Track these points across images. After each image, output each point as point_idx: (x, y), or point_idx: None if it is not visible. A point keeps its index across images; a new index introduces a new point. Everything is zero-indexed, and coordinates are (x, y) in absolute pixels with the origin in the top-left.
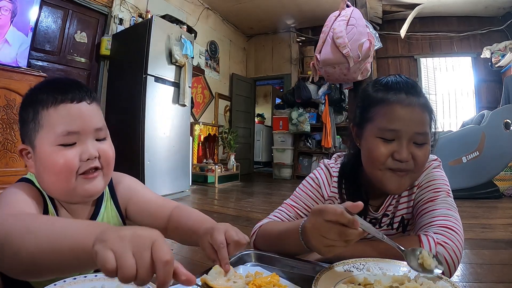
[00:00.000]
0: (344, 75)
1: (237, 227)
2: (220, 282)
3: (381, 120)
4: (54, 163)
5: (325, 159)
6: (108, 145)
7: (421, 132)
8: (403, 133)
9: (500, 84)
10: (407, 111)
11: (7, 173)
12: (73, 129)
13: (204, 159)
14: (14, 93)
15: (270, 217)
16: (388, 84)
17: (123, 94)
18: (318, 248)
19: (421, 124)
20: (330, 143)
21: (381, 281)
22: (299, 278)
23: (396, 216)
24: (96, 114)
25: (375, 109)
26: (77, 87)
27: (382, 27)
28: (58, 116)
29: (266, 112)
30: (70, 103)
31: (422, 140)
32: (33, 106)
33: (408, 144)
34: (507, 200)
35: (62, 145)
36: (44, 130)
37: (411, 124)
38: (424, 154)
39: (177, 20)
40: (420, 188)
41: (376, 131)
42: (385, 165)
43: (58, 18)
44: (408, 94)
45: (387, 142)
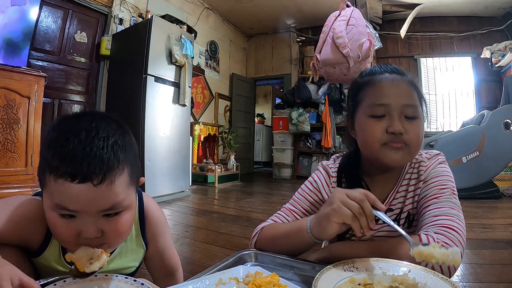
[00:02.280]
0: (344, 75)
1: (237, 227)
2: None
3: (369, 98)
4: (52, 228)
5: (324, 161)
6: (118, 222)
7: (410, 104)
8: (392, 107)
9: (500, 84)
10: (393, 85)
11: (7, 173)
12: (68, 208)
13: (204, 159)
14: (14, 93)
15: (269, 220)
16: (373, 70)
17: (123, 94)
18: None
19: (409, 96)
20: (330, 143)
21: (381, 281)
22: (299, 278)
23: (403, 211)
24: (105, 196)
25: (363, 91)
26: (89, 154)
27: (382, 27)
28: (56, 189)
29: (266, 112)
30: (70, 182)
31: (413, 113)
32: (43, 156)
33: (400, 118)
34: (507, 200)
35: (60, 215)
36: (46, 191)
37: (398, 97)
38: (417, 128)
39: (177, 20)
40: (426, 183)
41: (367, 110)
42: (381, 141)
43: (58, 18)
44: (392, 73)
45: (378, 119)
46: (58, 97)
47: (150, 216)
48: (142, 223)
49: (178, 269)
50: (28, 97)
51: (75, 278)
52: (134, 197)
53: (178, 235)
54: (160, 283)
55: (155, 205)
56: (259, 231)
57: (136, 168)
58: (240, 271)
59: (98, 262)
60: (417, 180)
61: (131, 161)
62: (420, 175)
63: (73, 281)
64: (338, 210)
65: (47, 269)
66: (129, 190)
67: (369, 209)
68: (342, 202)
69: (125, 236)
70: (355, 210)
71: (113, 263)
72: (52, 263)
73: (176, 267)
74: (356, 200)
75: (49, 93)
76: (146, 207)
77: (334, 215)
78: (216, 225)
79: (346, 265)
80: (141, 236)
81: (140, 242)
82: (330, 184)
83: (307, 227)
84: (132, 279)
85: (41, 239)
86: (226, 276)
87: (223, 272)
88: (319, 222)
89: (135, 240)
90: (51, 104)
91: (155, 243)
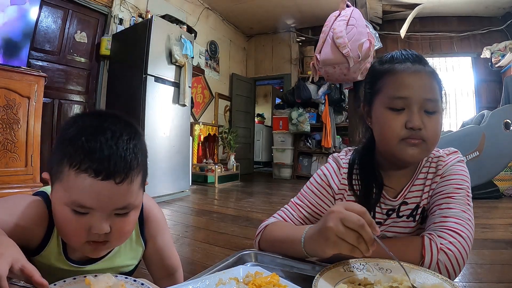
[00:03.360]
0: (344, 75)
1: (237, 227)
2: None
3: (389, 89)
4: (62, 223)
5: (335, 153)
6: (126, 221)
7: (431, 98)
8: (412, 100)
9: (500, 84)
10: (415, 77)
11: (7, 173)
12: (85, 204)
13: (204, 159)
14: (14, 93)
15: (275, 215)
16: (394, 56)
17: (123, 94)
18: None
19: (430, 90)
20: (330, 143)
21: (381, 281)
22: (299, 278)
23: (419, 206)
24: (123, 194)
25: (382, 80)
26: (114, 151)
27: (382, 27)
28: (75, 184)
29: (266, 112)
30: (94, 177)
31: (433, 108)
32: (61, 149)
33: (419, 112)
34: (507, 200)
35: (73, 211)
36: (62, 185)
37: (419, 90)
38: (436, 123)
39: (177, 20)
40: (443, 178)
41: (385, 101)
42: (399, 136)
43: (58, 18)
44: (414, 62)
45: (397, 112)
46: (58, 97)
47: (149, 215)
48: (141, 221)
49: (178, 269)
50: (28, 97)
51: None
52: (141, 199)
53: (178, 235)
54: (160, 283)
55: (154, 205)
56: (262, 229)
57: (145, 172)
58: (240, 271)
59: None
60: (434, 175)
61: (145, 164)
62: (438, 169)
63: (73, 281)
64: (334, 245)
65: (46, 268)
66: (140, 191)
67: (369, 236)
68: (338, 234)
69: (126, 237)
70: (353, 241)
71: (112, 261)
72: (52, 260)
73: (176, 267)
74: (355, 226)
75: (49, 93)
76: (145, 206)
77: (329, 248)
78: (216, 225)
79: (346, 265)
80: (140, 234)
81: (139, 240)
82: (340, 175)
83: (301, 241)
84: (132, 279)
85: (40, 237)
86: (226, 276)
87: (223, 272)
88: (314, 246)
89: (134, 238)
90: (51, 104)
91: (154, 242)
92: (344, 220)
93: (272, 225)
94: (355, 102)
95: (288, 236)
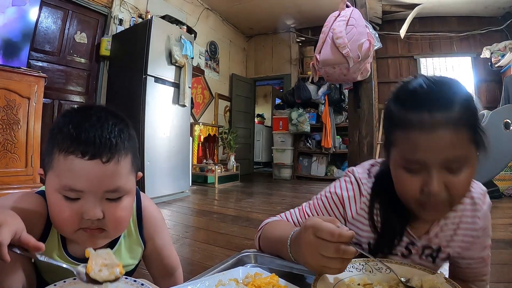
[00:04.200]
0: (343, 75)
1: (237, 227)
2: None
3: (403, 147)
4: (54, 209)
5: (356, 169)
6: (119, 207)
7: (453, 158)
8: (429, 164)
9: (500, 84)
10: (431, 137)
11: (7, 174)
12: (75, 187)
13: (204, 159)
14: (14, 93)
15: (281, 215)
16: (410, 96)
17: (123, 94)
18: (314, 267)
19: (453, 148)
20: (330, 143)
21: (380, 281)
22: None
23: (442, 251)
24: (112, 174)
25: (396, 132)
26: (99, 134)
27: (381, 27)
28: (64, 167)
29: (266, 113)
30: (81, 157)
31: (459, 166)
32: (51, 139)
33: (440, 172)
34: (507, 200)
35: (64, 197)
36: (53, 172)
37: (438, 152)
38: (462, 182)
39: (177, 21)
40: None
41: (399, 160)
42: (415, 199)
43: (58, 18)
44: (432, 111)
45: (413, 174)
46: (58, 98)
47: (147, 215)
48: (140, 221)
49: (178, 269)
50: (28, 97)
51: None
52: (134, 185)
53: (178, 235)
54: (159, 282)
55: (152, 205)
56: (263, 227)
57: (136, 159)
58: (240, 272)
59: (108, 271)
60: (469, 228)
61: (133, 150)
62: (475, 217)
63: (73, 281)
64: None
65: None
66: (131, 176)
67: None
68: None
69: (123, 226)
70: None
71: None
72: (53, 257)
73: (175, 267)
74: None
75: (49, 93)
76: (144, 206)
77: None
78: (216, 226)
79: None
80: (139, 234)
81: (138, 240)
82: (359, 204)
83: (287, 246)
84: (132, 279)
85: (40, 232)
86: (225, 277)
87: (222, 273)
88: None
89: (133, 238)
90: (51, 104)
91: (153, 242)
92: (320, 249)
93: (272, 223)
94: (355, 102)
95: (281, 237)
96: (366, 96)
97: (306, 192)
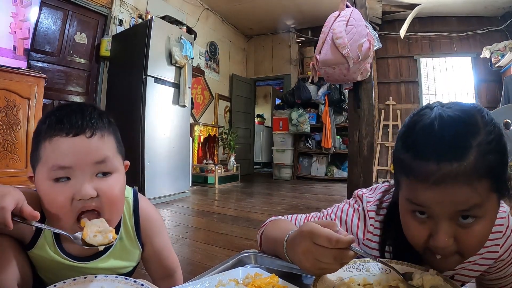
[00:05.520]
0: (343, 75)
1: (237, 227)
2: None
3: (408, 193)
4: (46, 199)
5: (366, 196)
6: (112, 182)
7: (465, 210)
8: (437, 215)
9: (500, 84)
10: (439, 190)
11: (7, 174)
12: (64, 164)
13: (204, 159)
14: (14, 94)
15: (287, 217)
16: (416, 142)
17: (123, 95)
18: (311, 272)
19: (465, 201)
20: (330, 144)
21: (380, 281)
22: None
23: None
24: (97, 147)
25: (402, 176)
26: (80, 116)
27: (381, 27)
28: (51, 149)
29: (266, 113)
30: (65, 136)
31: (470, 217)
32: (37, 136)
33: (450, 223)
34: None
35: (55, 180)
36: (41, 163)
37: (447, 204)
38: (476, 235)
39: (177, 21)
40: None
41: (405, 204)
42: (424, 247)
43: (58, 19)
44: (441, 161)
45: (419, 220)
46: (58, 98)
47: (145, 216)
48: (137, 223)
49: (177, 270)
50: (28, 98)
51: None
52: (122, 166)
53: (178, 236)
54: (159, 284)
55: (150, 206)
56: (266, 224)
57: (120, 146)
58: (240, 272)
59: (102, 237)
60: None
61: (116, 135)
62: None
63: (73, 282)
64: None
65: (43, 260)
66: (117, 156)
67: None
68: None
69: (118, 207)
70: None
71: (108, 262)
72: (49, 253)
73: (175, 268)
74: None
75: (49, 94)
76: (141, 207)
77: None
78: (216, 226)
79: (345, 265)
80: (137, 236)
81: (136, 243)
82: (366, 234)
83: (283, 248)
84: (132, 280)
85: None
86: (225, 277)
87: (222, 274)
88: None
89: (131, 239)
90: (51, 105)
91: (151, 244)
92: (318, 257)
93: (274, 222)
94: (355, 103)
95: (278, 236)
96: (366, 96)
97: (306, 192)
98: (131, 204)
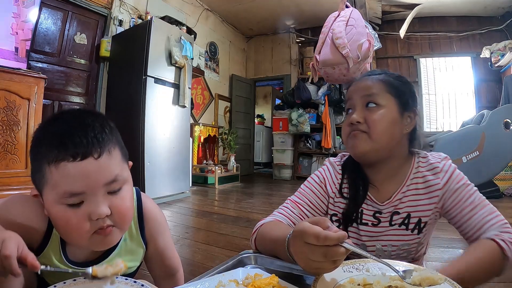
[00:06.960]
0: (343, 75)
1: (237, 228)
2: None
3: None
4: (61, 223)
5: (331, 158)
6: (124, 194)
7: (368, 95)
8: (355, 102)
9: (500, 83)
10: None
11: (7, 175)
12: (75, 191)
13: (204, 160)
14: (14, 94)
15: (274, 213)
16: None
17: (123, 95)
18: (308, 271)
19: (369, 92)
20: (330, 144)
21: (380, 281)
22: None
23: (412, 217)
24: (107, 167)
25: None
26: (83, 134)
27: (381, 27)
28: (59, 176)
29: (266, 113)
30: (72, 161)
31: (373, 103)
32: (36, 157)
33: (361, 109)
34: (507, 200)
35: (68, 205)
36: (48, 187)
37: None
38: (376, 117)
39: (177, 22)
40: (454, 193)
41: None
42: (346, 134)
43: (57, 19)
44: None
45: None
46: (58, 99)
47: (148, 215)
48: (141, 222)
49: (179, 270)
50: (28, 98)
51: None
52: (129, 173)
53: (179, 236)
54: (160, 284)
55: (153, 205)
56: (258, 228)
57: (123, 148)
58: (240, 273)
59: (112, 268)
60: (432, 188)
61: (119, 140)
62: (436, 183)
63: (73, 282)
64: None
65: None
66: (124, 164)
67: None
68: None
69: (129, 217)
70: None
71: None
72: (54, 261)
73: (177, 268)
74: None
75: (49, 94)
76: (145, 206)
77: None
78: (217, 226)
79: (345, 265)
80: (140, 235)
81: (140, 241)
82: (336, 180)
83: (285, 248)
84: (132, 281)
85: (41, 236)
86: (225, 278)
87: (222, 274)
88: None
89: (135, 239)
90: (51, 105)
91: (155, 243)
92: (310, 255)
93: (267, 224)
94: None
95: (278, 238)
96: None
97: None
98: (135, 204)
